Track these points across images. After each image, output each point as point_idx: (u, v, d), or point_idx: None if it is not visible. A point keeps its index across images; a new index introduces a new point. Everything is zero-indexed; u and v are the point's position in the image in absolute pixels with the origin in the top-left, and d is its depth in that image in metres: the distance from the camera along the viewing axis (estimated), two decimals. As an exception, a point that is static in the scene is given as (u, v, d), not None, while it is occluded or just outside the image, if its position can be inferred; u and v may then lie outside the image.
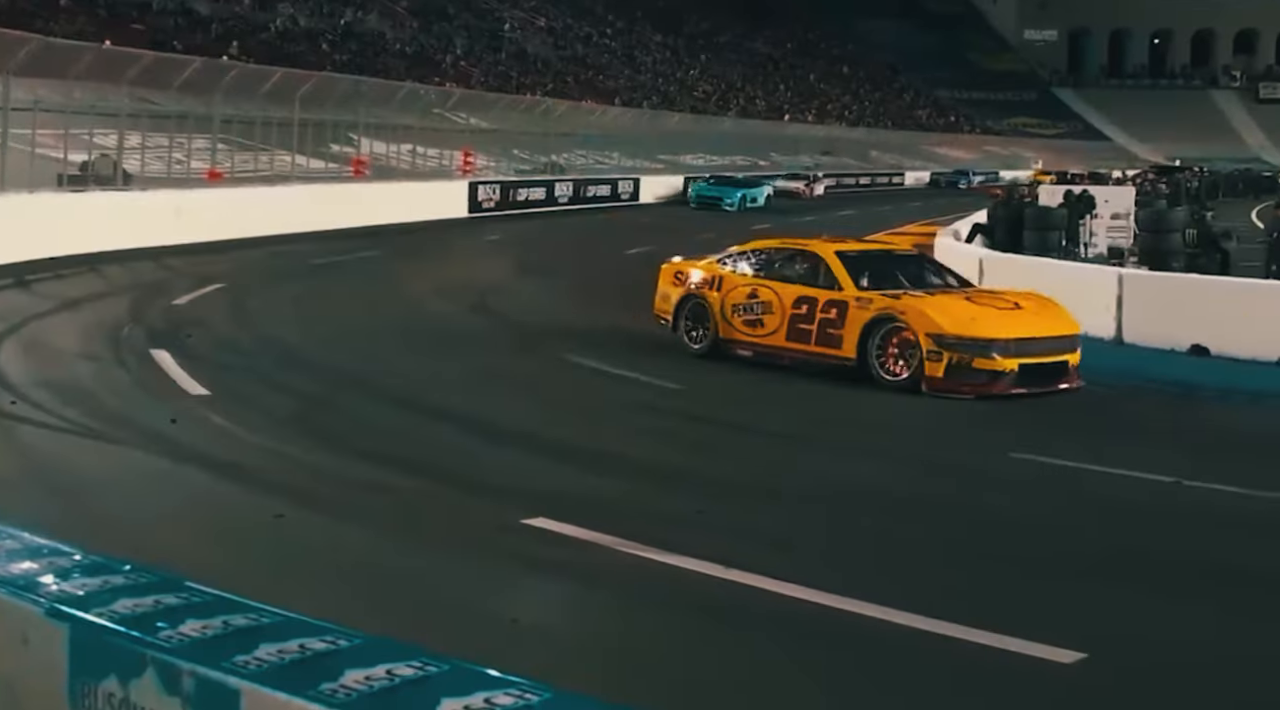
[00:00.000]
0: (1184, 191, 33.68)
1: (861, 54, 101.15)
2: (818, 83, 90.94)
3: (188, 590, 2.30)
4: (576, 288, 19.75)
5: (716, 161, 56.93)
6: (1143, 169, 65.60)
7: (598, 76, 65.47)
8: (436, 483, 7.90)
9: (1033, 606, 5.95)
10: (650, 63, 74.54)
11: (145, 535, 6.35)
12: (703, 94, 74.37)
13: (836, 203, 47.20)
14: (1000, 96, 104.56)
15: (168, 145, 26.34)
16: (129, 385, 10.55)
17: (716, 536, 6.81)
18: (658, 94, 68.06)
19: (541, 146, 44.27)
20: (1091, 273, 17.30)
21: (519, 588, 6.05)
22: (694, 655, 5.28)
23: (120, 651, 2.09)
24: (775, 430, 10.08)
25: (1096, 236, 22.72)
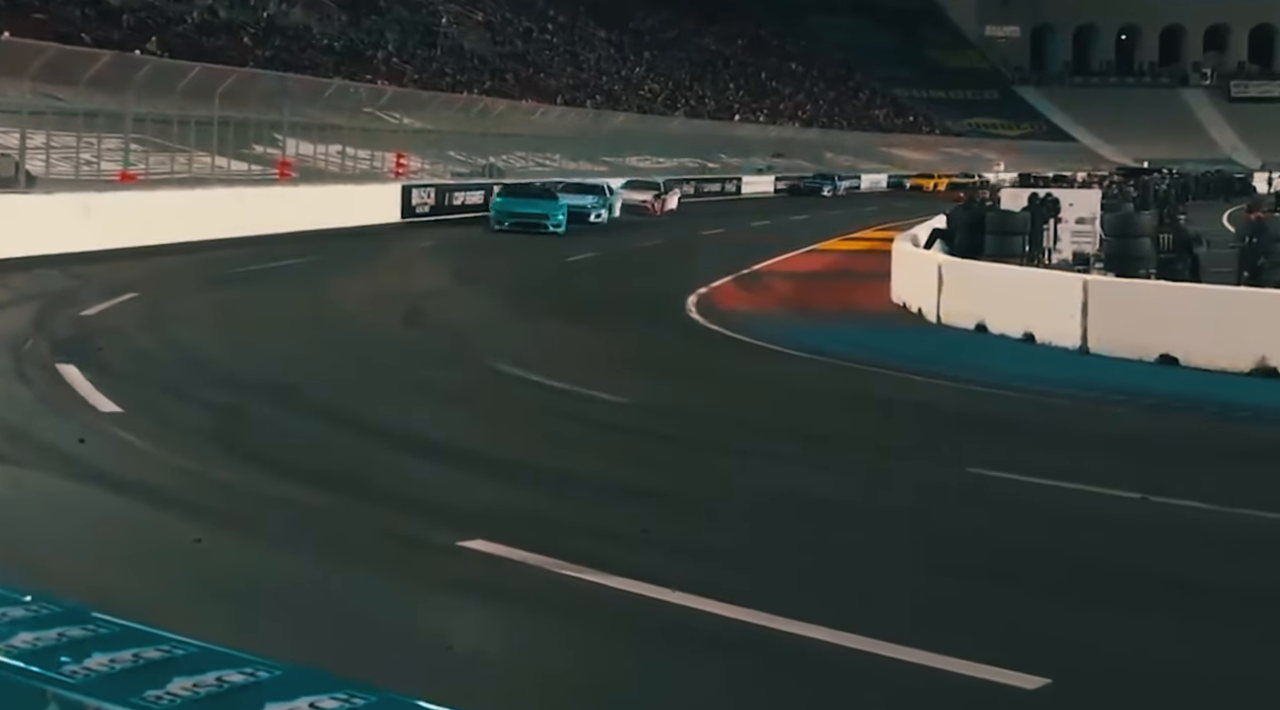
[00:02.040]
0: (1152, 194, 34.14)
1: (815, 51, 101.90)
2: (769, 81, 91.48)
3: (95, 621, 2.25)
4: (515, 297, 19.73)
5: (664, 163, 57.15)
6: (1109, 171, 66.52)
7: (538, 74, 65.48)
8: (366, 502, 7.84)
9: (991, 628, 5.98)
10: (594, 60, 74.66)
11: (47, 563, 6.25)
12: (649, 93, 74.58)
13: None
14: (961, 95, 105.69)
15: (75, 145, 26.04)
16: (31, 401, 10.39)
17: (662, 557, 6.82)
18: (602, 93, 68.18)
19: (479, 148, 44.22)
20: (1056, 279, 17.51)
21: (455, 613, 6.02)
22: (639, 682, 5.26)
23: (20, 689, 2.04)
24: (724, 443, 10.11)
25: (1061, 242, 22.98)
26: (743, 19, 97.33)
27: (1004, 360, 15.01)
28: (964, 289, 17.89)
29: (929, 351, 15.56)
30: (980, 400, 12.72)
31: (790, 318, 19.15)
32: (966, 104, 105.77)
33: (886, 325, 18.47)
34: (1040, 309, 16.34)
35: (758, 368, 14.43)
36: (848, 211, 48.51)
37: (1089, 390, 13.06)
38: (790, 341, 15.92)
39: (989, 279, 17.99)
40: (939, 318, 18.04)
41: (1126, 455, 10.24)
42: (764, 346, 15.68)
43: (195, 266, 21.36)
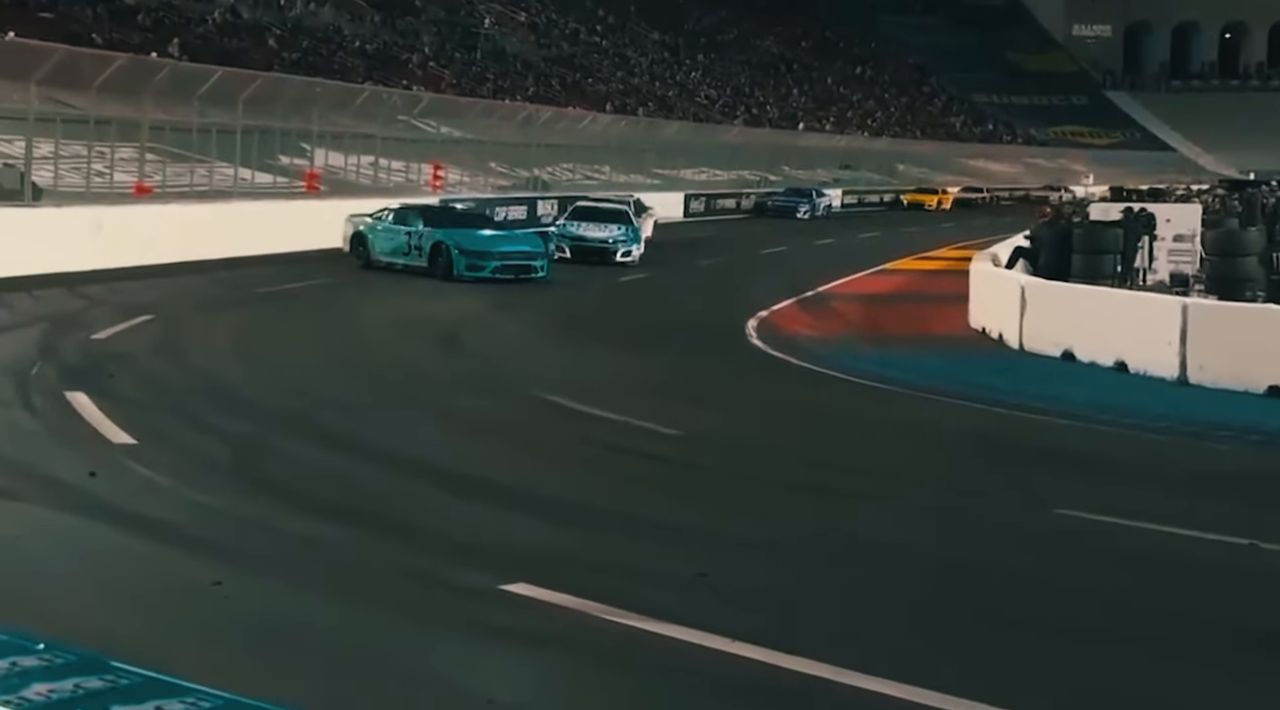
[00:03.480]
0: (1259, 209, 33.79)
1: (886, 54, 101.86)
2: (836, 87, 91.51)
3: (114, 671, 2.28)
4: (560, 320, 19.79)
5: (720, 176, 57.24)
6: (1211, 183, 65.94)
7: (586, 79, 65.82)
8: (399, 542, 7.88)
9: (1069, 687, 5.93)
10: (646, 64, 74.97)
11: (54, 607, 6.31)
12: (705, 100, 74.77)
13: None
14: (1045, 101, 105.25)
15: (86, 155, 26.36)
16: (38, 432, 10.52)
17: (719, 604, 6.83)
18: (654, 99, 68.44)
19: (522, 159, 44.46)
20: (1151, 303, 17.37)
21: (497, 663, 6.03)
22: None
23: (32, 745, 2.06)
24: (785, 479, 10.11)
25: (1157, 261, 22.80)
26: (807, 19, 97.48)
27: (1093, 391, 14.90)
28: (1049, 313, 17.80)
29: (1010, 381, 15.48)
30: (1067, 435, 12.63)
31: (858, 344, 19.10)
32: (1052, 110, 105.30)
33: (963, 352, 18.39)
34: (1134, 335, 16.22)
35: (823, 398, 14.41)
36: (926, 228, 48.41)
37: (1188, 425, 12.94)
38: (858, 369, 15.89)
39: (1077, 302, 17.89)
40: (1021, 344, 17.95)
41: (1231, 497, 10.13)
42: (829, 375, 15.66)
43: (214, 286, 21.59)
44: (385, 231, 24.80)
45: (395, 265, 24.21)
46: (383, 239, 24.71)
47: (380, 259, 24.52)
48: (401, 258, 24.18)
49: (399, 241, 24.33)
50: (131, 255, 22.61)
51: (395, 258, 24.31)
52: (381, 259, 24.48)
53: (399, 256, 24.24)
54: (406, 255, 24.09)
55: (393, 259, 24.34)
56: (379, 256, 24.55)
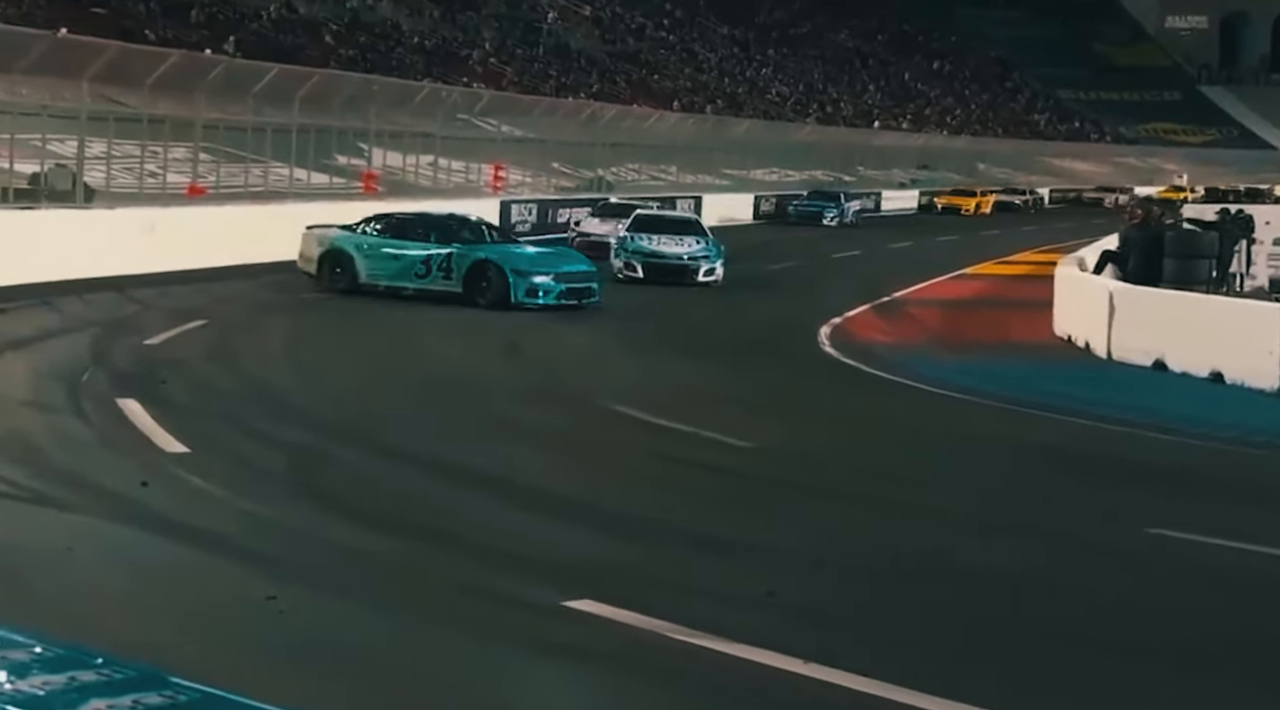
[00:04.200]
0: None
1: (966, 48, 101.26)
2: (914, 83, 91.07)
3: (173, 687, 2.30)
4: (625, 326, 19.81)
5: (792, 176, 57.11)
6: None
7: (652, 76, 65.90)
8: (458, 557, 7.92)
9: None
10: (714, 60, 74.97)
11: (105, 621, 6.39)
12: (776, 97, 74.64)
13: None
14: (1136, 97, 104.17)
15: (139, 155, 26.65)
16: (90, 441, 10.66)
17: (791, 623, 6.83)
18: (723, 97, 68.40)
19: (586, 159, 44.56)
20: (1250, 310, 17.16)
21: (560, 681, 6.05)
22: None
23: (90, 763, 2.09)
24: (859, 495, 10.09)
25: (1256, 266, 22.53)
26: (884, 12, 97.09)
27: (1187, 403, 14.75)
28: (1139, 320, 17.63)
29: (1097, 392, 15.36)
30: (1159, 449, 12.51)
31: (937, 352, 19.00)
32: (1142, 107, 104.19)
33: (1048, 361, 18.26)
34: (1231, 344, 16.03)
35: (899, 409, 14.34)
36: (1005, 231, 48.08)
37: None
38: (936, 379, 15.80)
39: (1169, 309, 17.71)
40: (1109, 353, 17.79)
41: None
42: (906, 384, 15.58)
43: (269, 290, 21.78)
44: (380, 248, 21.01)
45: (402, 290, 20.69)
46: (379, 258, 20.96)
47: (375, 283, 20.93)
48: (413, 281, 20.70)
49: (408, 261, 20.77)
50: (184, 258, 22.85)
51: (401, 281, 20.79)
52: (378, 283, 20.90)
53: (407, 279, 20.74)
54: (423, 277, 20.65)
55: (397, 282, 20.81)
56: (372, 280, 20.93)
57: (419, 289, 20.68)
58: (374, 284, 20.99)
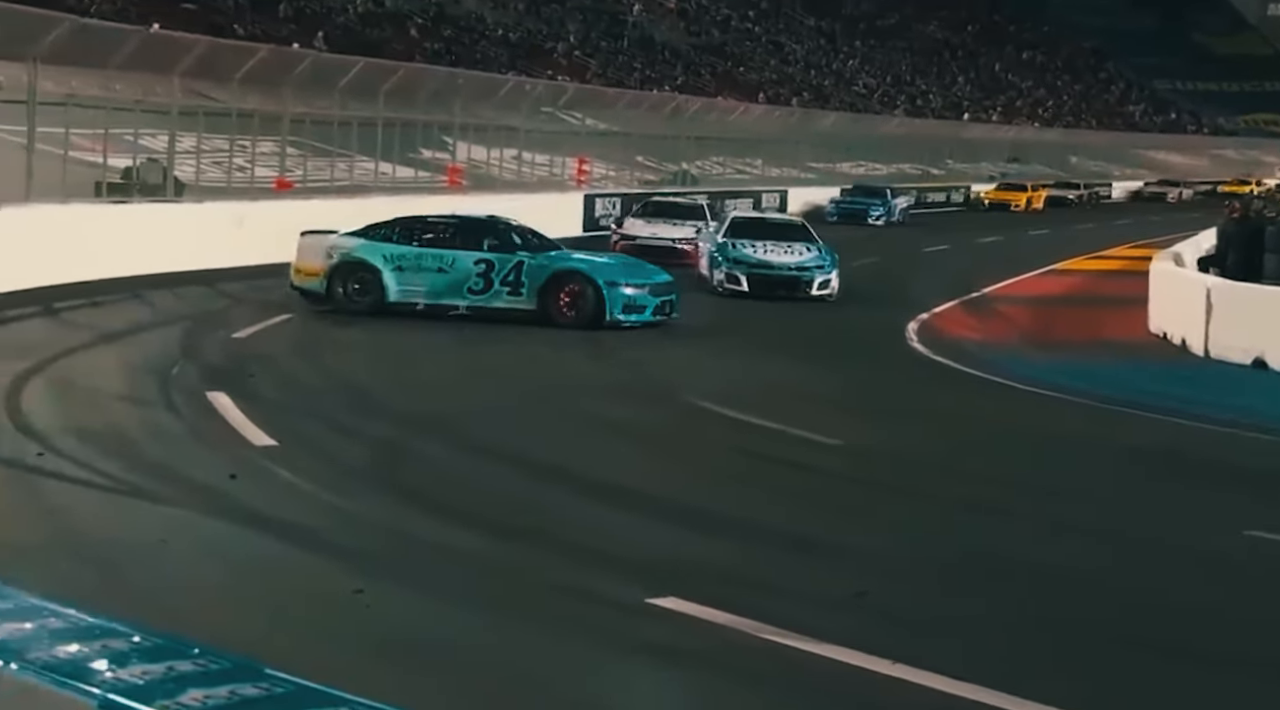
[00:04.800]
0: None
1: (1059, 38, 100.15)
2: (1004, 74, 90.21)
3: (268, 679, 2.33)
4: (711, 323, 19.78)
5: (879, 169, 56.78)
6: None
7: (737, 69, 65.80)
8: (543, 553, 7.96)
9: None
10: (800, 52, 74.70)
11: (195, 613, 6.48)
12: (864, 89, 74.26)
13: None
14: (1235, 87, 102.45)
15: (228, 149, 26.99)
16: (180, 434, 10.83)
17: (880, 624, 6.81)
18: (809, 89, 68.15)
19: (671, 152, 44.55)
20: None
21: (645, 682, 6.06)
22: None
23: (190, 755, 2.12)
24: (949, 495, 10.02)
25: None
26: (973, 2, 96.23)
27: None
28: (1239, 317, 17.36)
29: (1194, 391, 15.16)
30: (1258, 450, 12.34)
31: (1028, 349, 18.83)
32: (1242, 98, 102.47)
33: (1142, 359, 18.04)
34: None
35: (990, 407, 14.23)
36: (1098, 225, 47.53)
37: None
38: (1028, 377, 15.66)
39: (1270, 305, 17.42)
40: (1206, 351, 17.54)
41: None
42: (997, 382, 15.46)
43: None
44: (419, 259, 17.86)
45: (449, 309, 17.68)
46: (416, 271, 17.82)
47: (411, 301, 17.77)
48: (466, 297, 17.67)
49: (460, 272, 17.70)
50: (272, 252, 23.04)
51: (449, 298, 17.72)
52: (415, 301, 17.76)
53: (457, 295, 17.68)
54: (481, 292, 17.63)
55: (443, 300, 17.73)
56: (407, 297, 17.75)
57: (475, 306, 17.59)
58: (408, 302, 17.68)
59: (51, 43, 20.35)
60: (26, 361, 13.31)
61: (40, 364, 13.40)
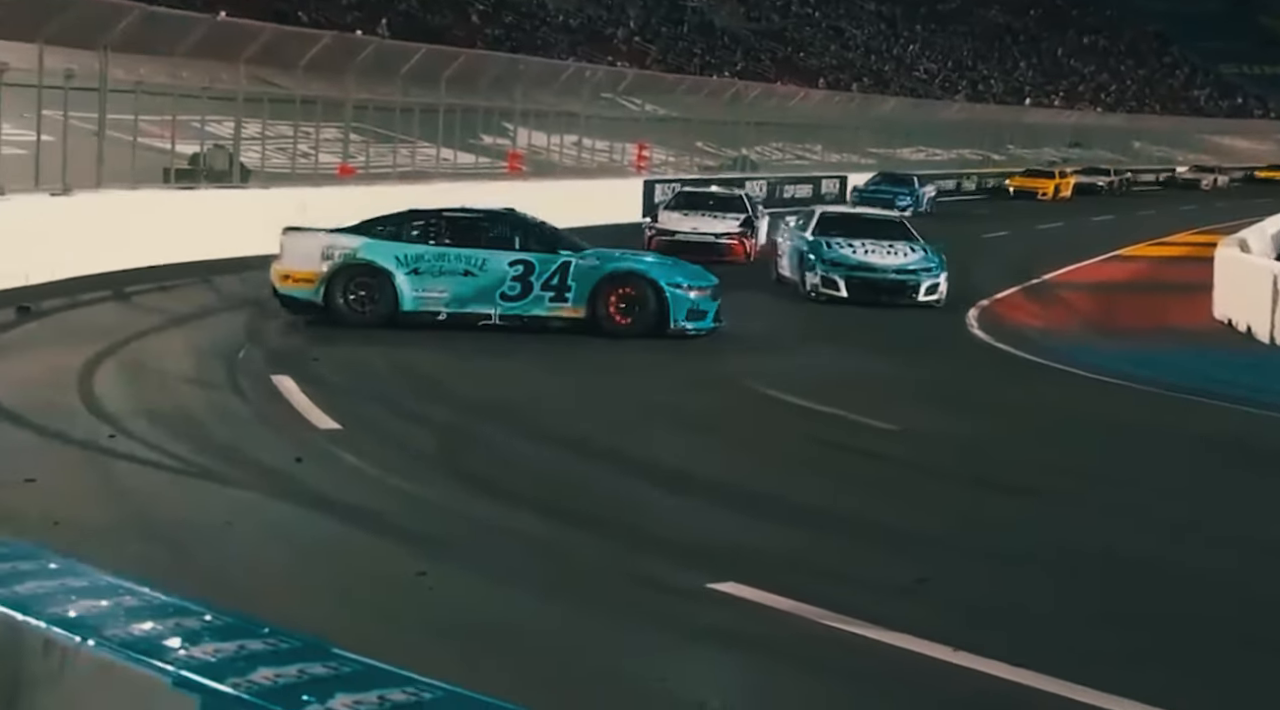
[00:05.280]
0: None
1: (1122, 22, 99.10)
2: (1066, 58, 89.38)
3: (336, 659, 2.37)
4: (772, 308, 19.75)
5: (939, 155, 56.43)
6: None
7: (797, 54, 65.55)
8: (605, 537, 7.99)
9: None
10: (860, 37, 74.32)
11: (261, 593, 6.54)
12: (924, 74, 73.80)
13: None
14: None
15: (292, 135, 27.19)
16: (247, 417, 10.92)
17: (941, 610, 6.78)
18: (869, 74, 67.81)
19: (730, 138, 44.47)
20: None
21: (707, 666, 6.07)
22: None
23: (262, 730, 2.15)
24: (1009, 483, 9.96)
25: None
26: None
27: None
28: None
29: (1261, 378, 15.01)
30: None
31: (1090, 336, 18.68)
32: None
33: (1208, 346, 17.86)
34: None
35: (1051, 394, 14.13)
36: (1159, 211, 47.06)
37: None
38: (1090, 364, 15.54)
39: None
40: (1273, 338, 17.34)
41: None
42: (1058, 369, 15.35)
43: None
44: (439, 260, 15.45)
45: (482, 317, 15.44)
46: (437, 274, 15.42)
47: (431, 310, 15.44)
48: (500, 305, 15.42)
49: (492, 275, 15.39)
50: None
51: (478, 305, 15.42)
52: (437, 310, 15.45)
53: (488, 302, 15.41)
54: (518, 299, 15.41)
55: (470, 308, 15.43)
56: (425, 306, 15.41)
57: (510, 315, 15.43)
58: (428, 312, 15.38)
59: (121, 31, 20.65)
60: (99, 345, 13.49)
61: (112, 347, 13.57)
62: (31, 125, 19.91)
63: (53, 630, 2.49)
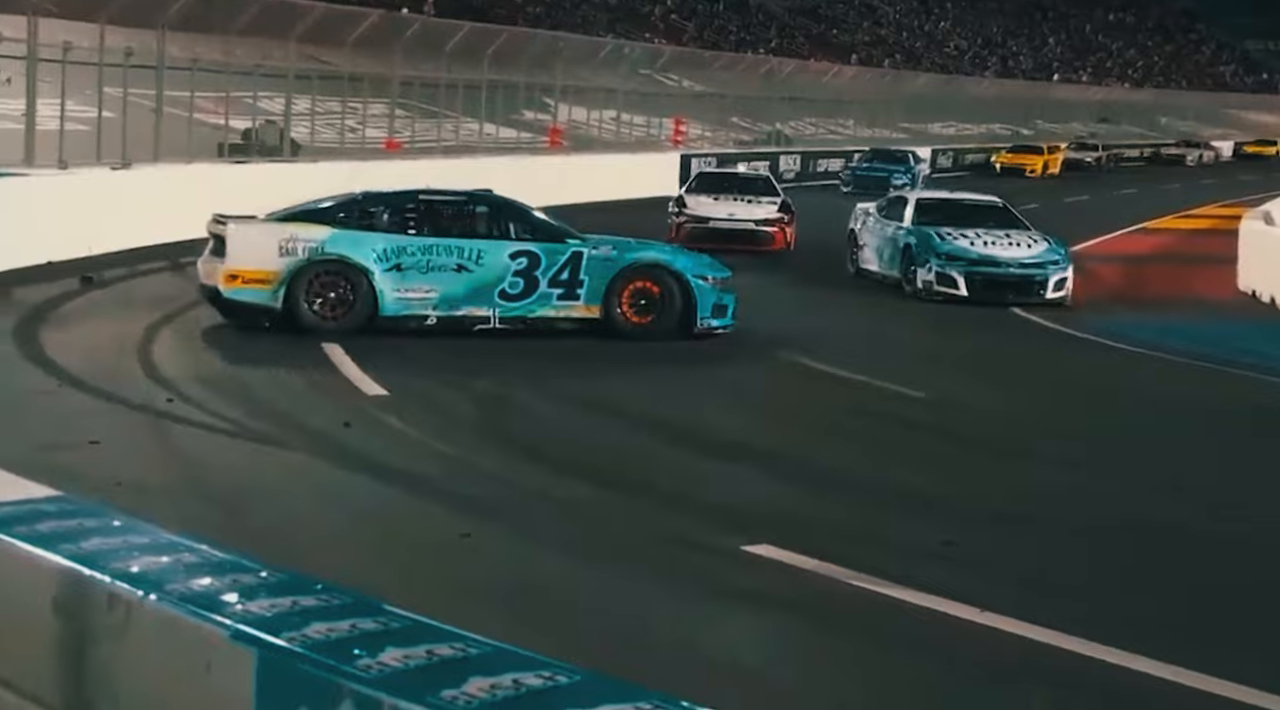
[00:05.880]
0: None
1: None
2: (1095, 34, 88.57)
3: (386, 615, 2.40)
4: (803, 278, 19.69)
5: (969, 130, 56.07)
6: None
7: (830, 31, 65.18)
8: (643, 501, 8.01)
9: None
10: (893, 14, 73.81)
11: (310, 554, 6.59)
12: (954, 50, 73.26)
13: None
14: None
15: (340, 111, 27.27)
16: (298, 384, 10.99)
17: (967, 572, 6.78)
18: (901, 51, 67.37)
19: (765, 113, 44.33)
20: None
21: (740, 625, 6.09)
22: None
23: (314, 681, 2.19)
24: (1037, 451, 9.92)
25: None
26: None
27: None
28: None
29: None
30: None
31: (1118, 307, 18.55)
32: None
33: (1233, 317, 17.74)
34: None
35: (1080, 363, 14.07)
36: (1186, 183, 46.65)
37: None
38: (1118, 334, 15.45)
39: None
40: (1296, 309, 17.23)
41: None
42: (1087, 339, 15.27)
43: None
44: (427, 254, 12.84)
45: (479, 321, 12.88)
46: (422, 270, 12.80)
47: (416, 312, 12.78)
48: (496, 304, 12.86)
49: (492, 271, 12.82)
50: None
51: (474, 305, 12.84)
52: (424, 311, 12.79)
53: (485, 301, 12.85)
54: (517, 298, 12.92)
55: (462, 309, 12.85)
56: (409, 307, 12.77)
57: (511, 317, 12.96)
58: (414, 315, 12.78)
59: (178, 11, 20.90)
60: (156, 314, 13.62)
61: (169, 316, 13.68)
62: (93, 102, 20.07)
63: (117, 585, 2.53)
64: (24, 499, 3.05)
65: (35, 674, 2.68)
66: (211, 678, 2.34)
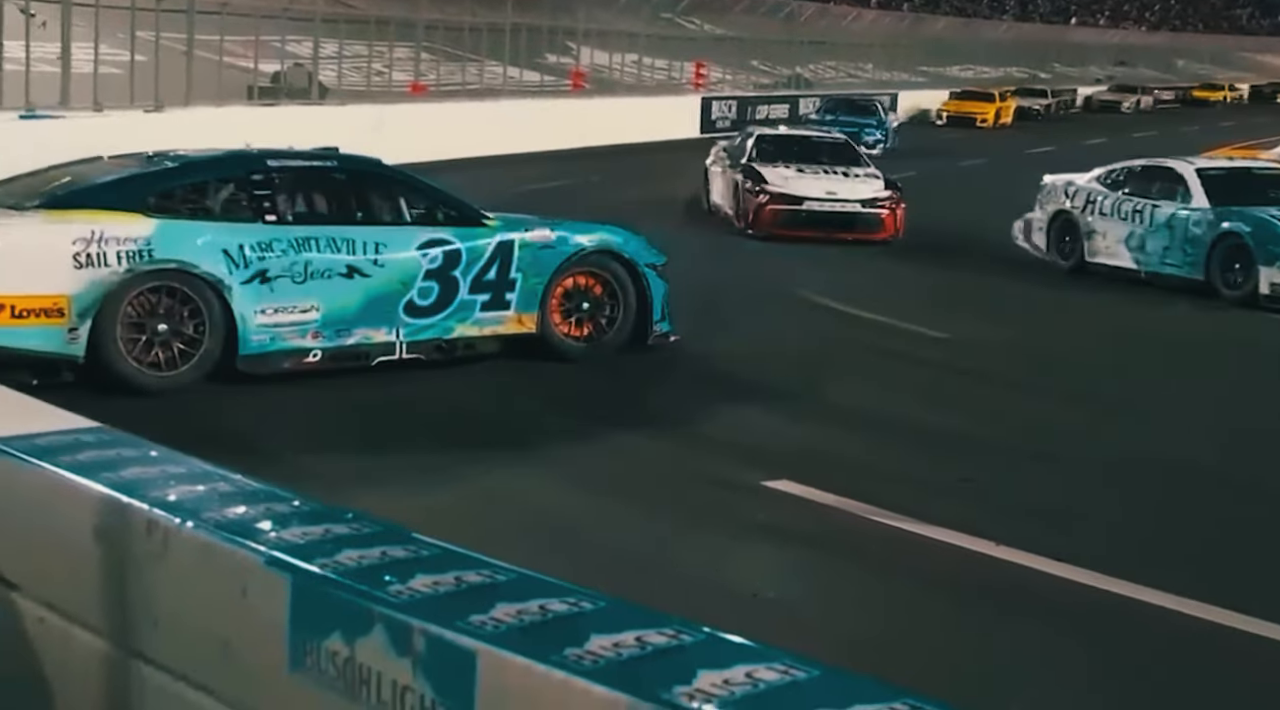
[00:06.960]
0: None
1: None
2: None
3: (415, 542, 2.41)
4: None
5: (987, 73, 55.62)
6: None
7: (850, -26, 64.45)
8: (662, 439, 8.01)
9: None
10: (912, -43, 72.96)
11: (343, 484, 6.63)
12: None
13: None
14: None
15: (367, 54, 27.19)
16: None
17: (984, 508, 6.78)
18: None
19: (784, 57, 44.01)
20: None
21: (761, 558, 6.11)
22: (961, 642, 5.24)
23: (346, 607, 2.20)
24: (1057, 389, 9.88)
25: None
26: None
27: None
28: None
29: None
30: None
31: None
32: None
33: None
34: None
35: (1097, 305, 13.97)
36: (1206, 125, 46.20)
37: None
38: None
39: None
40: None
41: None
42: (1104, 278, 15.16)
43: (482, 183, 21.96)
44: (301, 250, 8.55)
45: (378, 350, 8.83)
46: (303, 282, 8.53)
47: (291, 344, 8.53)
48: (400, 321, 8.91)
49: (395, 275, 8.85)
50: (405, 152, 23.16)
51: (366, 326, 8.78)
52: (302, 341, 8.56)
53: (383, 319, 8.82)
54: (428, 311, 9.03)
55: (356, 334, 8.75)
56: (279, 337, 8.48)
57: (421, 341, 9.02)
58: (287, 352, 8.53)
59: (206, -46, 20.76)
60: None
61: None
62: (126, 46, 20.07)
63: (155, 512, 2.54)
64: (65, 429, 3.07)
65: (78, 598, 2.71)
66: (247, 602, 2.36)
